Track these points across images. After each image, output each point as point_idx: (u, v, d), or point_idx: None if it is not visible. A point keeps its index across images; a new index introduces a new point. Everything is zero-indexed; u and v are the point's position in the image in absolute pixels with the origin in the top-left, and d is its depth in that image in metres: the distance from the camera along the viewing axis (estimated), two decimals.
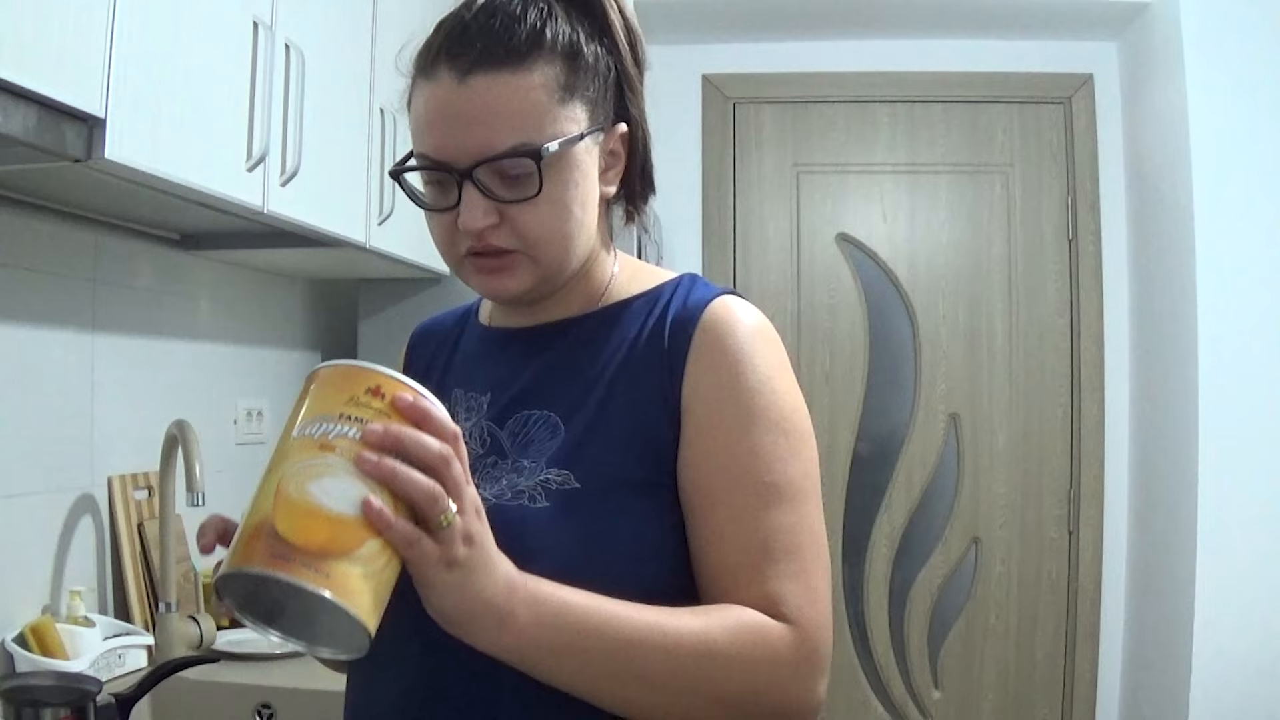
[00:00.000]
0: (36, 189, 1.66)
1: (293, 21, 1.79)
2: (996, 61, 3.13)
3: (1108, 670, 3.06)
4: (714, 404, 0.92)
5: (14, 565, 1.70)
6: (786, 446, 0.92)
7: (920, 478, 3.15)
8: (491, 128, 0.90)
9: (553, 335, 1.01)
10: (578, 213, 0.94)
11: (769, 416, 0.92)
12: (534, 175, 0.89)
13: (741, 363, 0.93)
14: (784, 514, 0.91)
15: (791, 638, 0.87)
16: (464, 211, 0.91)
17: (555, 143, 0.90)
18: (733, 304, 0.98)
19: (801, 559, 0.90)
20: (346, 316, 2.88)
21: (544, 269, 0.95)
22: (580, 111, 0.93)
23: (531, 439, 0.95)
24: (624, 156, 1.00)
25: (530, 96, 0.90)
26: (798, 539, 0.91)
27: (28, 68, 1.17)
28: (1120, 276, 3.08)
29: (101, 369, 1.92)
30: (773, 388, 0.93)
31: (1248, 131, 2.66)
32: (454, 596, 0.75)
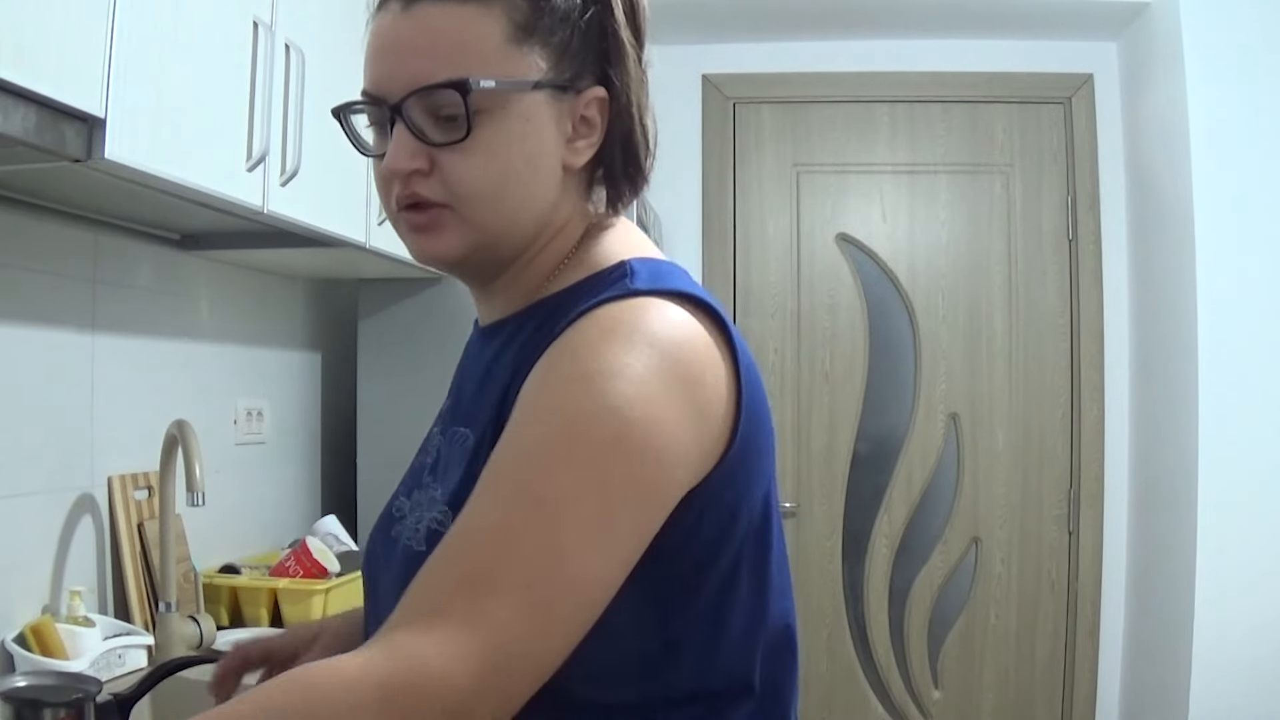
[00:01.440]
0: (36, 189, 1.66)
1: (293, 21, 1.79)
2: (996, 61, 3.13)
3: (1108, 670, 3.06)
4: (519, 403, 0.77)
5: (14, 565, 1.70)
6: (559, 454, 0.72)
7: (920, 478, 3.15)
8: (428, 57, 0.81)
9: (494, 334, 0.91)
10: (520, 170, 0.83)
11: (555, 417, 0.73)
12: (462, 114, 0.80)
13: (563, 355, 0.77)
14: (506, 531, 0.70)
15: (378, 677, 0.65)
16: (391, 150, 0.83)
17: (492, 81, 0.80)
18: (623, 305, 0.79)
19: (478, 584, 0.68)
20: (346, 316, 2.88)
21: (476, 232, 0.84)
22: (539, 58, 0.83)
23: (451, 462, 0.86)
24: (600, 127, 0.87)
25: (476, 28, 0.81)
26: (500, 563, 0.68)
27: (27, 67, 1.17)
28: (1120, 276, 3.08)
29: (101, 369, 1.92)
30: (586, 389, 0.73)
31: (1247, 131, 2.66)
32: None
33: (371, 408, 2.70)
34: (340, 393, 2.88)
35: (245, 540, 2.41)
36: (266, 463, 2.55)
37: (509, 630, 0.67)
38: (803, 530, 3.14)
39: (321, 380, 2.86)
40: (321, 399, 2.85)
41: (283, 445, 2.62)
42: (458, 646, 0.65)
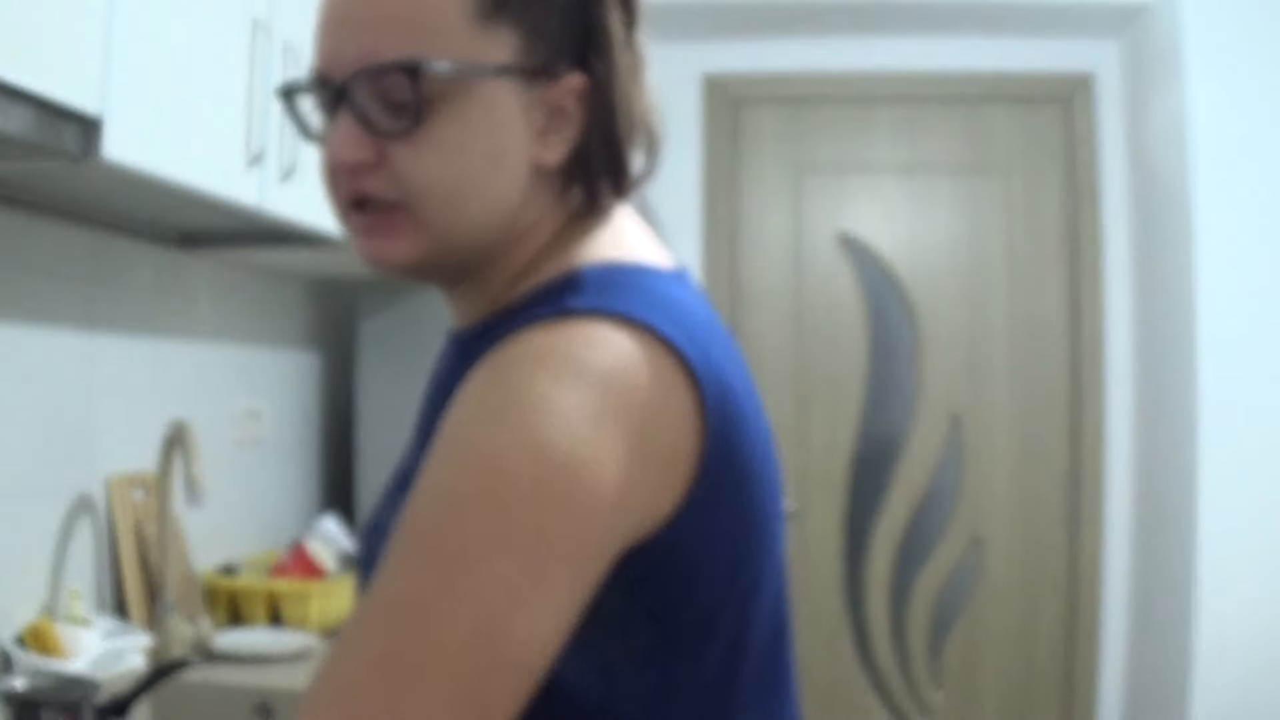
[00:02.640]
0: (35, 188, 1.66)
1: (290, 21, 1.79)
2: (996, 61, 3.12)
3: (1108, 670, 3.06)
4: (435, 443, 0.66)
5: (14, 565, 1.70)
6: (472, 501, 0.62)
7: (920, 478, 3.14)
8: (378, 32, 0.71)
9: (452, 349, 0.81)
10: (480, 168, 0.72)
11: (448, 458, 0.64)
12: (411, 101, 0.70)
13: (479, 390, 0.66)
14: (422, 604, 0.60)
15: None
16: (333, 137, 0.72)
17: (447, 63, 0.70)
18: (534, 334, 0.67)
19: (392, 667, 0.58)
20: (346, 316, 2.89)
21: (431, 236, 0.73)
22: (508, 38, 0.72)
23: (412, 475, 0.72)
24: (579, 119, 0.75)
25: (431, 3, 0.70)
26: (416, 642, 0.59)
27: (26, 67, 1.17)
28: (1120, 276, 3.08)
29: (101, 369, 1.92)
30: (501, 428, 0.63)
31: (1248, 131, 2.66)
32: None
33: (371, 408, 2.70)
34: (339, 393, 2.88)
35: (244, 540, 2.41)
36: (265, 463, 2.55)
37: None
38: (803, 530, 3.14)
39: (321, 380, 2.86)
40: (321, 399, 2.85)
41: (282, 445, 2.62)
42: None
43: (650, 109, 0.79)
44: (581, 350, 0.65)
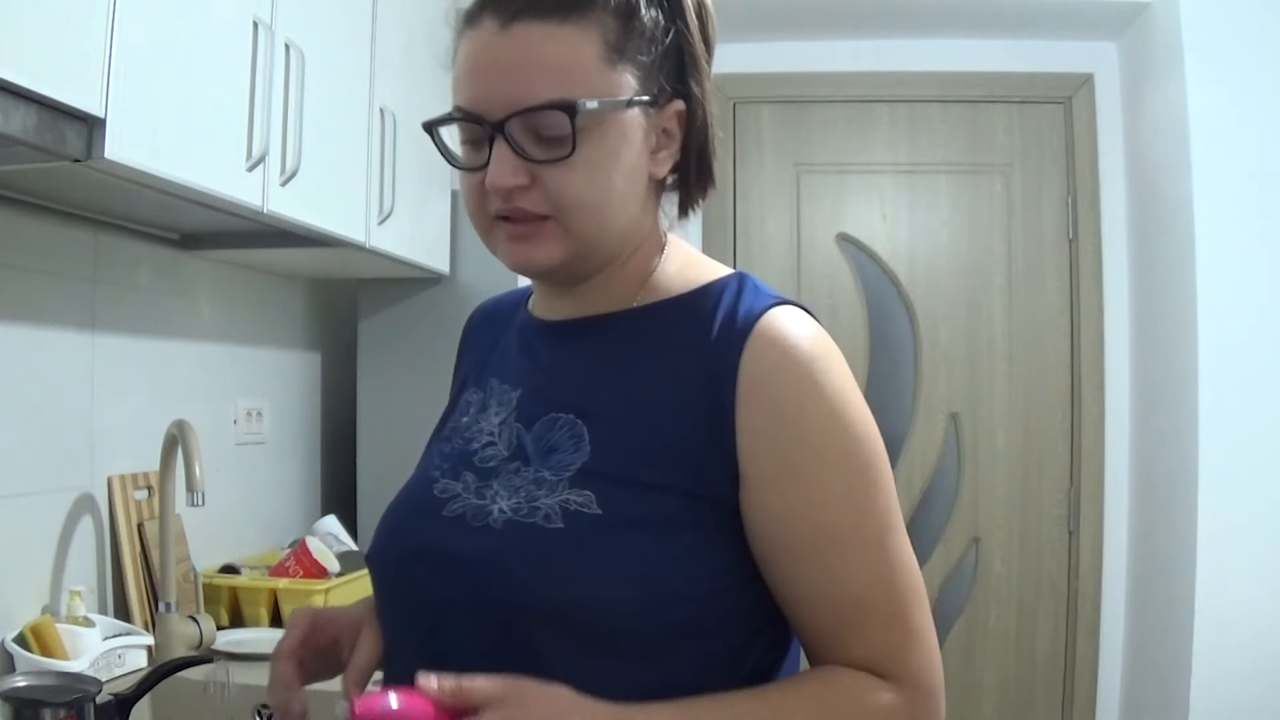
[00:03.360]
0: (36, 189, 1.66)
1: (293, 21, 1.79)
2: (996, 61, 3.12)
3: (1108, 670, 3.06)
4: (779, 447, 0.84)
5: (14, 565, 1.70)
6: (864, 486, 0.86)
7: (920, 478, 3.15)
8: (529, 78, 0.84)
9: (587, 332, 0.94)
10: (618, 184, 0.87)
11: (842, 457, 0.85)
12: (569, 133, 0.83)
13: (804, 395, 0.85)
14: (874, 564, 0.85)
15: (902, 698, 0.85)
16: (492, 167, 0.85)
17: (595, 101, 0.84)
18: (785, 319, 0.87)
19: (901, 608, 0.85)
20: (346, 316, 2.88)
21: (576, 241, 0.88)
22: (630, 77, 0.86)
23: (555, 446, 0.89)
24: (679, 137, 0.92)
25: (575, 50, 0.84)
26: (898, 584, 0.85)
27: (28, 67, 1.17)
28: (1120, 276, 3.08)
29: (101, 369, 1.92)
30: (842, 420, 0.86)
31: (1248, 131, 2.65)
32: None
33: (371, 408, 2.70)
34: (340, 393, 2.88)
35: (245, 540, 2.41)
36: (266, 463, 2.55)
37: (932, 638, 0.89)
38: None
39: (321, 380, 2.86)
40: (321, 399, 2.85)
41: (283, 445, 2.62)
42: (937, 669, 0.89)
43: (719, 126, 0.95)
44: (819, 337, 0.89)
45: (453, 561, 0.88)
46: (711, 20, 0.93)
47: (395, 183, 2.23)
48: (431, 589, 0.89)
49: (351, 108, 2.09)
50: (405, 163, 2.30)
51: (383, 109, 2.19)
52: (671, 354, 0.89)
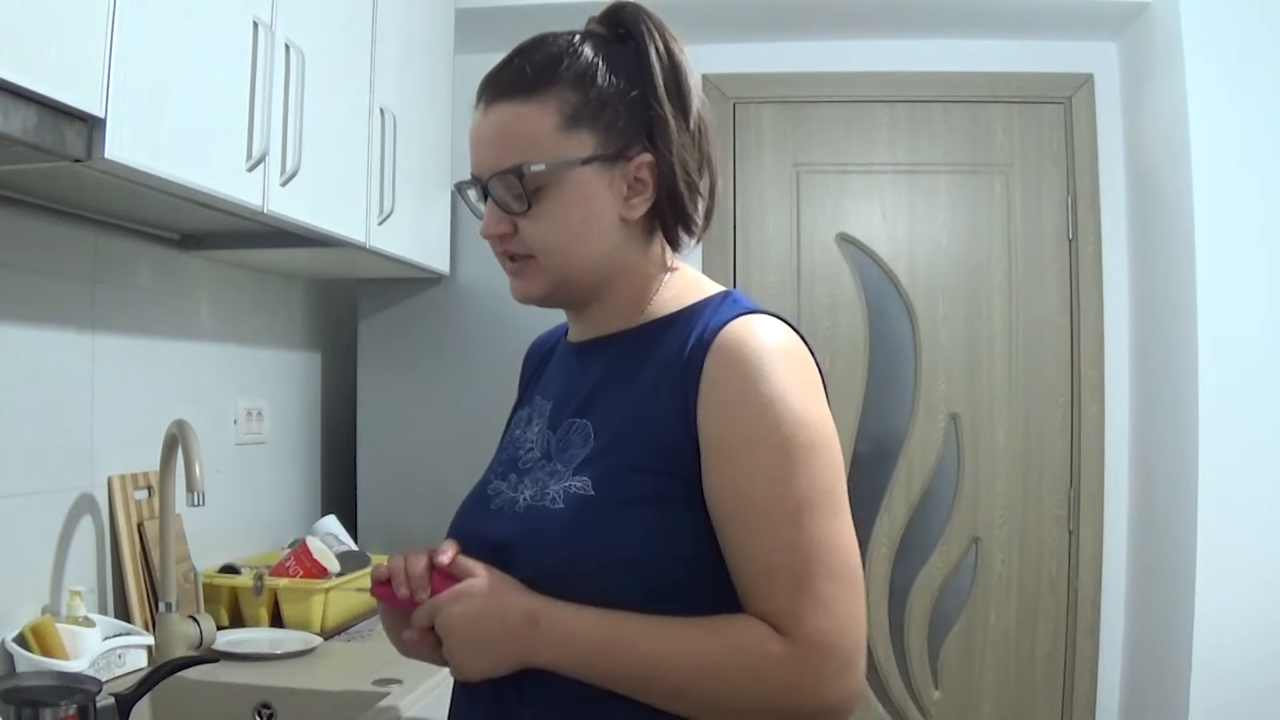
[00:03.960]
0: (36, 189, 1.66)
1: (293, 21, 1.79)
2: (996, 61, 3.12)
3: (1108, 670, 3.06)
4: (722, 428, 0.99)
5: (14, 565, 1.70)
6: (788, 465, 0.97)
7: (920, 478, 3.15)
8: (498, 149, 1.05)
9: (600, 348, 1.13)
10: (577, 229, 1.05)
11: (771, 436, 0.98)
12: (522, 192, 1.03)
13: (747, 385, 0.99)
14: (787, 535, 0.97)
15: (788, 650, 0.95)
16: (485, 219, 1.08)
17: (541, 164, 1.03)
18: (750, 324, 1.03)
19: (808, 577, 0.96)
20: (346, 316, 2.89)
21: (554, 275, 1.07)
22: (588, 138, 1.04)
23: (568, 445, 1.08)
24: (652, 184, 1.07)
25: (531, 123, 1.04)
26: (803, 558, 0.96)
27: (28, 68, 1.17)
28: (1120, 276, 3.08)
29: (101, 369, 1.92)
30: (777, 407, 0.98)
31: (1247, 131, 2.65)
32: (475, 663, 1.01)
33: (371, 408, 2.70)
34: (340, 393, 2.88)
35: (245, 540, 2.41)
36: (266, 463, 2.55)
37: (846, 604, 0.97)
38: None
39: (321, 380, 2.86)
40: (321, 399, 2.85)
41: (283, 445, 2.62)
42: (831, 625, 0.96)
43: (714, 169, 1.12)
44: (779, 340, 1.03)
45: (492, 544, 1.07)
46: (685, 76, 1.09)
47: (395, 183, 2.23)
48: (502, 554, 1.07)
49: (351, 108, 2.09)
50: (405, 163, 2.30)
51: (383, 109, 2.19)
52: (659, 362, 1.05)
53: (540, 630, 0.99)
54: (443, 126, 2.59)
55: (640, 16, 1.09)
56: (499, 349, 2.61)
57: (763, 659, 0.95)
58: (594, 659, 0.98)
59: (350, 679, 1.79)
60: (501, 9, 2.90)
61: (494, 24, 2.94)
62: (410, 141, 2.34)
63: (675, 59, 1.09)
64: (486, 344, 2.63)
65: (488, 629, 1.00)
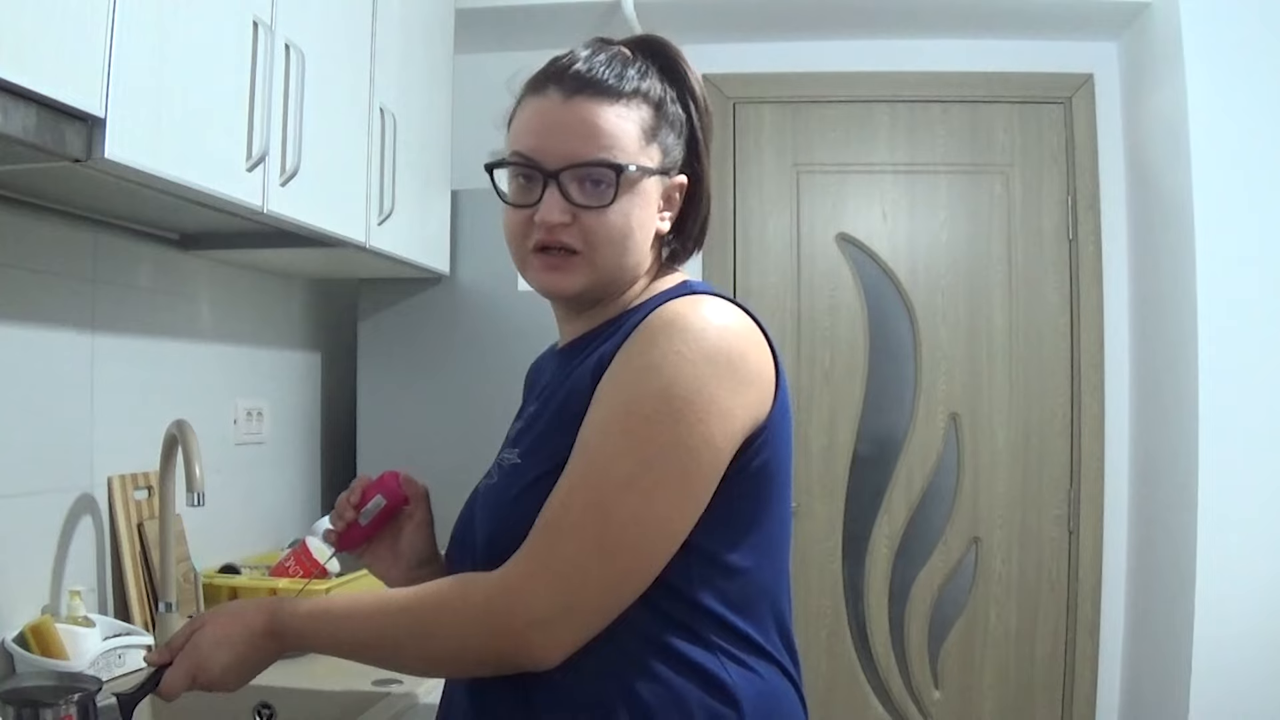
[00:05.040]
0: (36, 189, 1.66)
1: (293, 21, 1.79)
2: (996, 61, 3.12)
3: (1108, 670, 3.06)
4: (600, 387, 1.04)
5: (14, 565, 1.70)
6: (623, 425, 1.00)
7: (920, 478, 3.15)
8: (584, 140, 1.07)
9: (579, 345, 1.16)
10: (637, 231, 1.10)
11: (617, 398, 1.02)
12: (612, 186, 1.06)
13: (635, 350, 1.03)
14: (575, 485, 1.00)
15: (484, 594, 0.99)
16: (543, 206, 1.07)
17: (634, 166, 1.07)
18: (685, 302, 1.06)
19: (562, 526, 0.99)
20: (346, 316, 2.89)
21: (598, 273, 1.10)
22: (656, 153, 1.11)
23: (526, 429, 1.14)
24: (679, 204, 1.15)
25: (622, 125, 1.08)
26: (569, 511, 0.99)
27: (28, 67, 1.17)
28: (1120, 276, 3.08)
29: (101, 369, 1.92)
30: (649, 375, 1.01)
31: (1248, 131, 2.65)
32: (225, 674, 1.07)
33: (371, 408, 2.70)
34: (340, 393, 2.88)
35: (245, 540, 2.41)
36: (266, 463, 2.55)
37: (575, 565, 0.97)
38: (803, 530, 3.14)
39: (321, 380, 2.86)
40: (321, 399, 2.85)
41: (282, 445, 2.62)
42: (527, 575, 0.98)
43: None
44: (702, 312, 1.04)
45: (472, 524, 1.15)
46: (710, 116, 1.18)
47: (395, 183, 2.23)
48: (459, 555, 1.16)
49: (351, 108, 2.09)
50: (405, 163, 2.30)
51: (383, 109, 2.19)
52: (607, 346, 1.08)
53: (285, 631, 1.05)
54: (443, 126, 2.59)
55: (679, 54, 1.17)
56: (499, 349, 2.61)
57: (468, 597, 1.00)
58: (328, 638, 1.05)
59: (350, 679, 1.79)
60: (501, 9, 2.90)
61: (494, 24, 2.94)
62: (410, 141, 2.34)
63: (706, 98, 1.18)
64: (486, 344, 2.63)
65: (244, 650, 1.06)
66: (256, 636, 1.05)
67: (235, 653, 1.05)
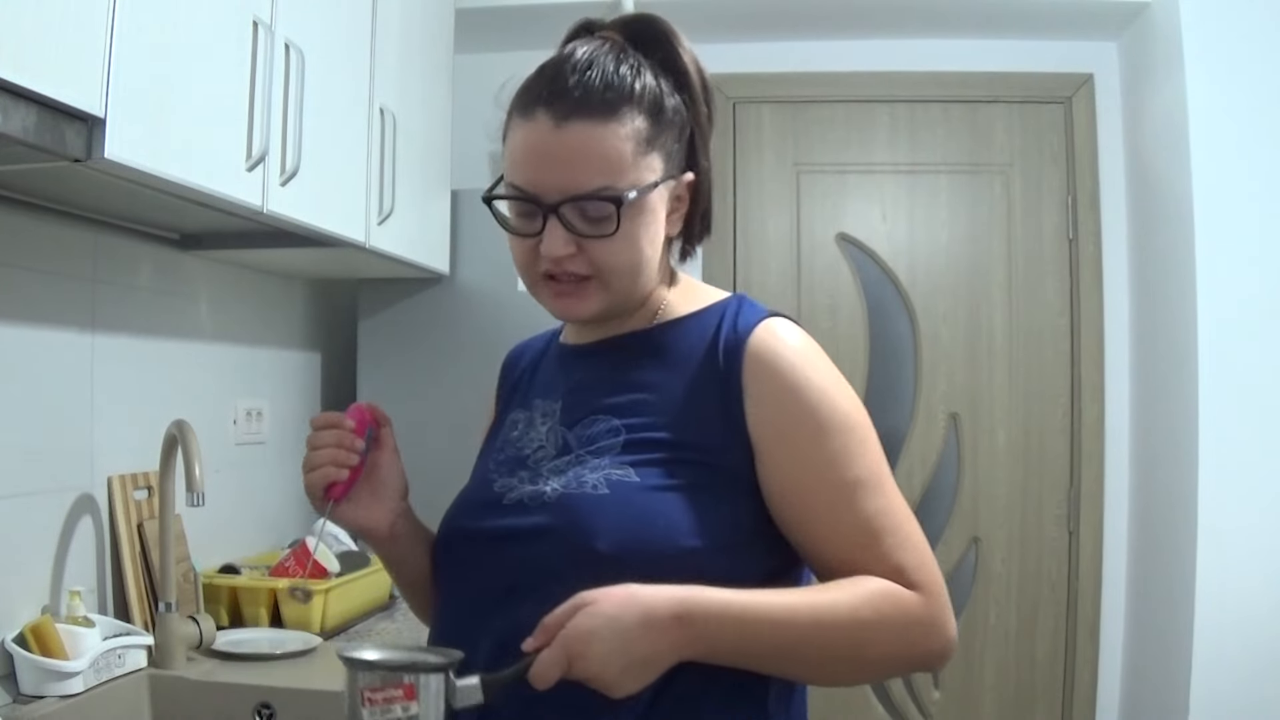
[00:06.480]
0: (36, 189, 1.66)
1: (293, 21, 1.79)
2: (996, 61, 3.12)
3: (1108, 670, 3.06)
4: (782, 423, 1.04)
5: (14, 565, 1.70)
6: (853, 443, 1.05)
7: (920, 477, 3.15)
8: (580, 170, 1.01)
9: (614, 349, 1.14)
10: (647, 250, 1.07)
11: (828, 422, 1.04)
12: (613, 217, 1.02)
13: (795, 381, 1.04)
14: (873, 500, 1.04)
15: (920, 599, 1.02)
16: (546, 240, 1.03)
17: (634, 191, 1.02)
18: (774, 327, 1.08)
19: (900, 532, 1.04)
20: (346, 316, 2.89)
21: (612, 296, 1.07)
22: (657, 161, 1.05)
23: (595, 439, 1.08)
24: (688, 201, 1.11)
25: (617, 145, 1.02)
26: (894, 517, 1.04)
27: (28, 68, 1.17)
28: (1120, 276, 3.08)
29: (101, 369, 1.92)
30: (828, 397, 1.05)
31: (1247, 131, 2.65)
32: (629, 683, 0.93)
33: None
34: (340, 393, 2.88)
35: (245, 540, 2.41)
36: (266, 463, 2.55)
37: (933, 561, 1.07)
38: None
39: (321, 380, 2.86)
40: (321, 399, 2.85)
41: (283, 445, 2.62)
42: (939, 575, 1.06)
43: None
44: (806, 337, 1.09)
45: (524, 535, 1.05)
46: (714, 100, 1.13)
47: (395, 183, 2.23)
48: (509, 560, 1.06)
49: (351, 108, 2.09)
50: (405, 163, 2.30)
51: (383, 109, 2.19)
52: (683, 360, 1.08)
53: (694, 626, 0.94)
54: (443, 126, 2.59)
55: (671, 34, 1.10)
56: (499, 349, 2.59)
57: (905, 609, 1.00)
58: (746, 641, 0.97)
59: None
60: (501, 9, 2.90)
61: (494, 24, 2.94)
62: (410, 141, 2.34)
63: (704, 74, 1.12)
64: (486, 344, 2.62)
65: (636, 642, 0.92)
66: (658, 619, 0.92)
67: (625, 640, 0.91)
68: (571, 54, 1.05)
